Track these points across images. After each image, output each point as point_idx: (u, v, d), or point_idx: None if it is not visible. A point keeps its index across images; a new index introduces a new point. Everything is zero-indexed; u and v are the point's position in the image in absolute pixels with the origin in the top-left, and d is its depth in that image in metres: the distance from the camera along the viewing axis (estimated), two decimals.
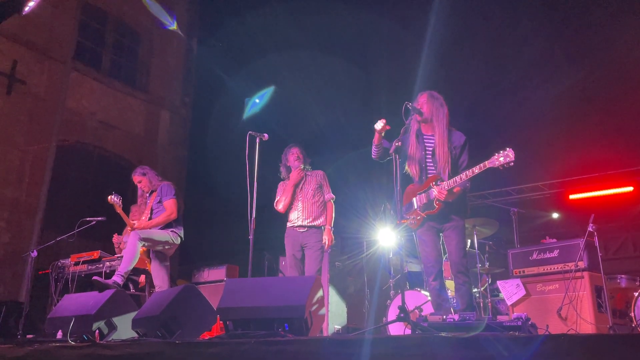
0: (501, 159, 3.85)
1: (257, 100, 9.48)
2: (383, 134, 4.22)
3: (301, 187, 5.43)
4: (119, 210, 5.62)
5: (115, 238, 6.60)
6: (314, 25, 10.21)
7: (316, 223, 5.31)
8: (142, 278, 6.16)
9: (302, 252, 5.31)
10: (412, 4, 9.58)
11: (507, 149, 3.85)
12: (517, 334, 2.97)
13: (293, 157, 5.49)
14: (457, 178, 4.03)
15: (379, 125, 4.18)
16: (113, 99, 10.48)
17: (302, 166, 5.47)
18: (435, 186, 4.12)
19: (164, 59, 11.58)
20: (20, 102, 8.98)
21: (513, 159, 3.82)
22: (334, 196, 5.48)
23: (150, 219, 5.56)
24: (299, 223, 5.31)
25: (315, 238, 5.25)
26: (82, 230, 6.33)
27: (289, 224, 5.41)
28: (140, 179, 5.73)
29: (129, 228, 5.55)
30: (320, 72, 10.21)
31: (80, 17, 10.13)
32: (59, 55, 9.54)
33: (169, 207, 5.52)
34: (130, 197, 5.88)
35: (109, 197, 5.56)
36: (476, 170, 3.96)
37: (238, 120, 10.70)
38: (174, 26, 10.62)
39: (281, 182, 5.58)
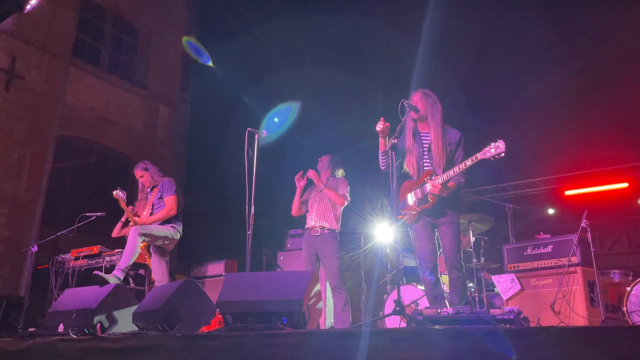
0: (492, 150, 3.89)
1: (276, 120, 9.41)
2: (388, 140, 4.17)
3: (319, 191, 5.58)
4: (123, 205, 5.67)
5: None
6: (312, 21, 10.23)
7: (329, 226, 5.42)
8: None
9: (316, 256, 5.43)
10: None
11: (498, 140, 3.90)
12: (508, 326, 3.04)
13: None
14: (451, 172, 4.08)
15: (379, 125, 4.19)
16: (112, 95, 10.51)
17: (329, 174, 5.63)
18: (429, 180, 4.19)
19: (162, 55, 11.60)
20: (19, 97, 8.99)
21: (504, 150, 3.86)
22: (346, 195, 5.52)
23: (151, 214, 5.63)
24: (312, 224, 5.47)
25: (329, 246, 5.35)
26: (82, 225, 6.38)
27: (306, 227, 5.57)
28: (142, 174, 5.79)
29: (132, 223, 5.62)
30: (317, 67, 10.24)
31: (79, 13, 10.13)
32: (57, 51, 9.55)
33: (169, 203, 5.58)
34: (129, 192, 5.91)
35: (114, 192, 5.62)
36: (468, 162, 4.01)
37: (237, 115, 10.71)
38: None
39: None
